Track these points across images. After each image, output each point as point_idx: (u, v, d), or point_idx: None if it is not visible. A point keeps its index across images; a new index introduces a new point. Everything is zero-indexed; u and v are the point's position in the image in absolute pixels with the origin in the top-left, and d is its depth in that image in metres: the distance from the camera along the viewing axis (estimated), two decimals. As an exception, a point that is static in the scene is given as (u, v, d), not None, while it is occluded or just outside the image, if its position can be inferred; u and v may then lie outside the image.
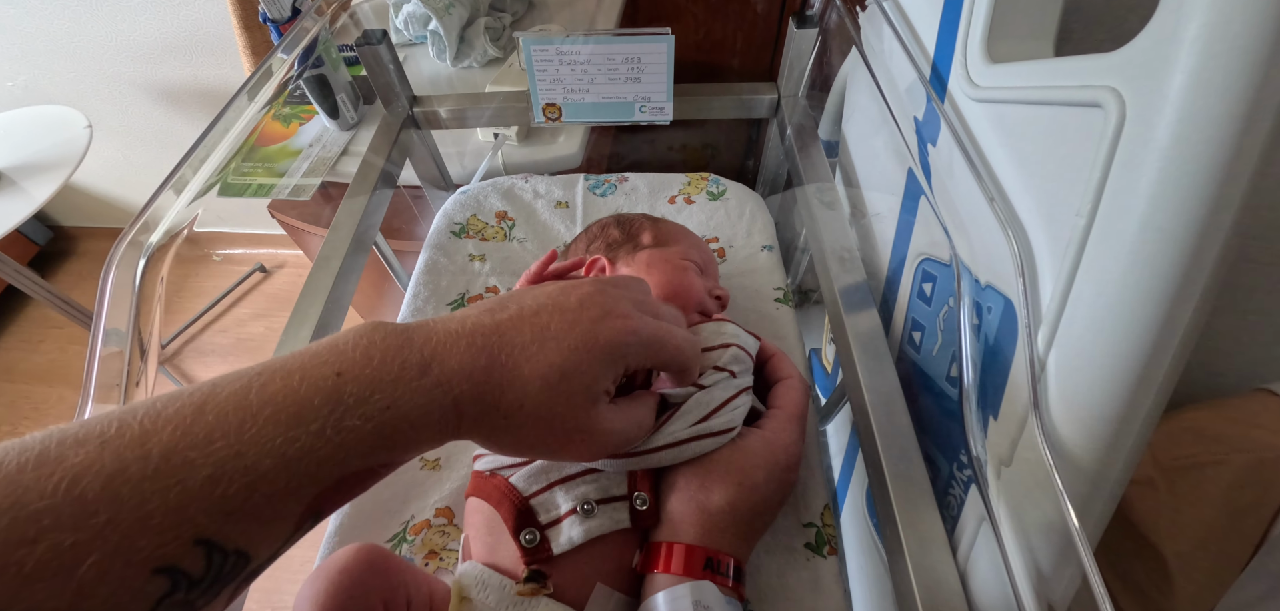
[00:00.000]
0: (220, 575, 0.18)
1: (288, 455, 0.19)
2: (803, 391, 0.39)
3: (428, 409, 0.22)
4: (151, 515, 0.17)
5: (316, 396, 0.20)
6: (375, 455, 0.21)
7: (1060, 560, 0.28)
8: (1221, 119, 0.20)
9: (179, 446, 0.18)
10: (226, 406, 0.19)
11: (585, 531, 0.32)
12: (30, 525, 0.15)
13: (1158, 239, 0.22)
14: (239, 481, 0.18)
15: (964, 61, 0.35)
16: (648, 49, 0.53)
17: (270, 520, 0.19)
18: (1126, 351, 0.24)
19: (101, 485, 0.16)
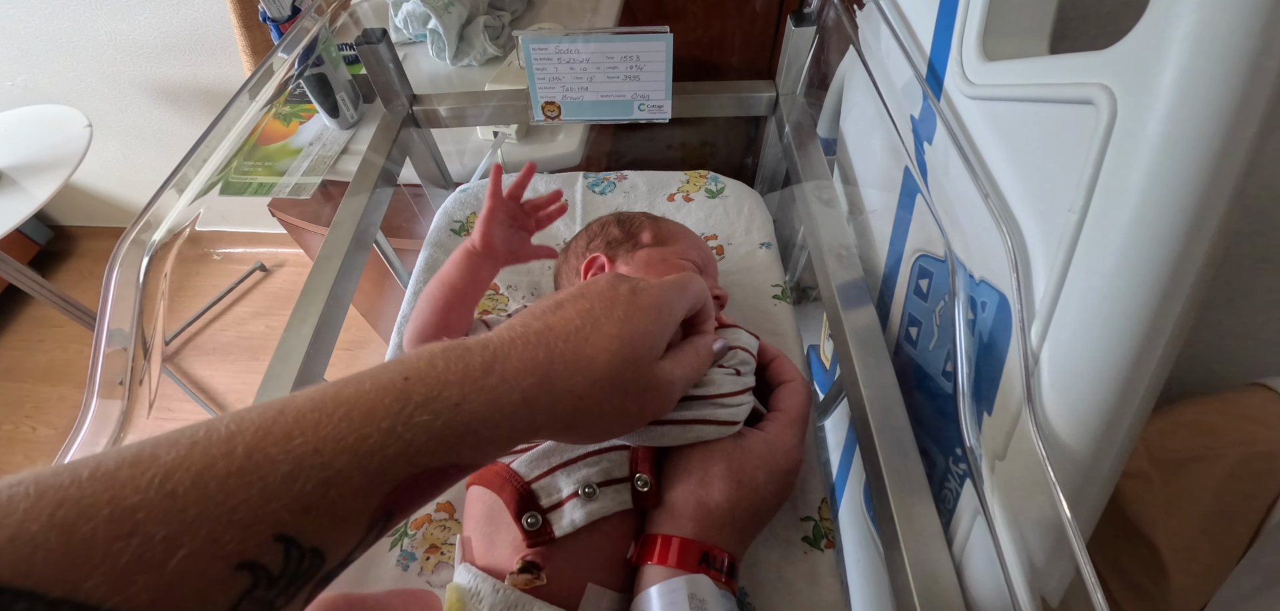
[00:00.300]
0: (297, 574, 0.19)
1: (360, 452, 0.20)
2: (805, 395, 0.39)
3: (497, 406, 0.23)
4: (236, 510, 0.17)
5: (386, 397, 0.21)
6: (446, 454, 0.22)
7: (1054, 552, 0.28)
8: (1210, 115, 0.20)
9: (261, 444, 0.18)
10: (304, 409, 0.20)
11: (587, 514, 0.32)
12: (126, 520, 0.16)
13: (1148, 234, 0.22)
14: (316, 477, 0.19)
15: (960, 59, 0.35)
16: (646, 47, 0.54)
17: (344, 518, 0.20)
18: (1118, 345, 0.24)
19: (191, 481, 0.17)
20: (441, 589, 0.39)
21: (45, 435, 1.51)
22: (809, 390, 0.40)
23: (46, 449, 1.48)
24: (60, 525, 0.15)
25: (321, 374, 0.48)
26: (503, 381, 0.23)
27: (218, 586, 0.17)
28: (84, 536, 0.15)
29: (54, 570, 0.15)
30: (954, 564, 0.33)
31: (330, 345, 0.49)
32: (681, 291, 0.31)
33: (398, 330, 0.52)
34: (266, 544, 0.18)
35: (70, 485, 0.16)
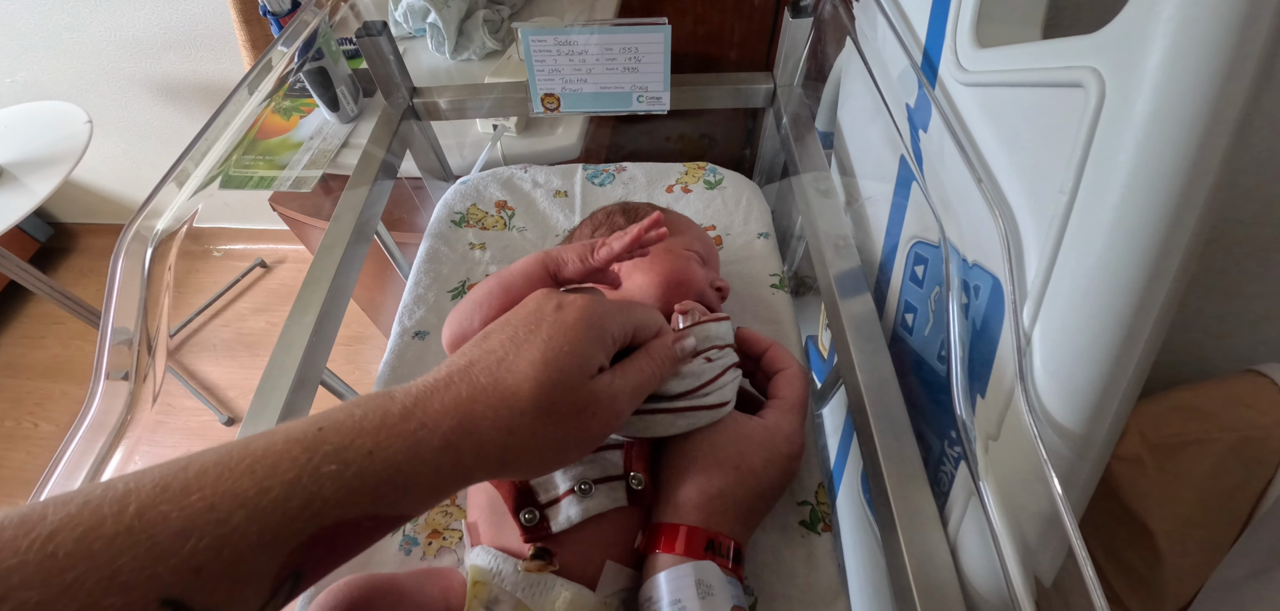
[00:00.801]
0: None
1: (260, 505, 0.19)
2: (802, 381, 0.39)
3: (416, 452, 0.22)
4: (119, 571, 0.16)
5: (295, 447, 0.20)
6: (357, 505, 0.20)
7: (1046, 530, 0.29)
8: (1195, 96, 0.21)
9: (155, 502, 0.17)
10: (208, 464, 0.19)
11: (583, 511, 0.33)
12: (1, 582, 0.15)
13: (1136, 213, 0.23)
14: (210, 535, 0.18)
15: (954, 47, 0.36)
16: (645, 39, 0.54)
17: (241, 579, 0.18)
18: (1108, 323, 0.25)
19: (74, 542, 0.16)
20: (443, 573, 0.39)
21: (47, 431, 1.52)
22: (806, 376, 0.40)
23: (48, 445, 1.49)
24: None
25: (322, 366, 0.48)
26: (422, 425, 0.22)
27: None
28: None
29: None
30: (949, 545, 0.34)
31: (331, 337, 0.49)
32: (626, 308, 0.30)
33: (398, 322, 0.53)
34: (153, 608, 0.16)
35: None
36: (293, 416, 0.43)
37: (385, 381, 0.48)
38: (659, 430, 0.35)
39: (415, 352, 0.51)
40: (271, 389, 0.43)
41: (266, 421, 0.41)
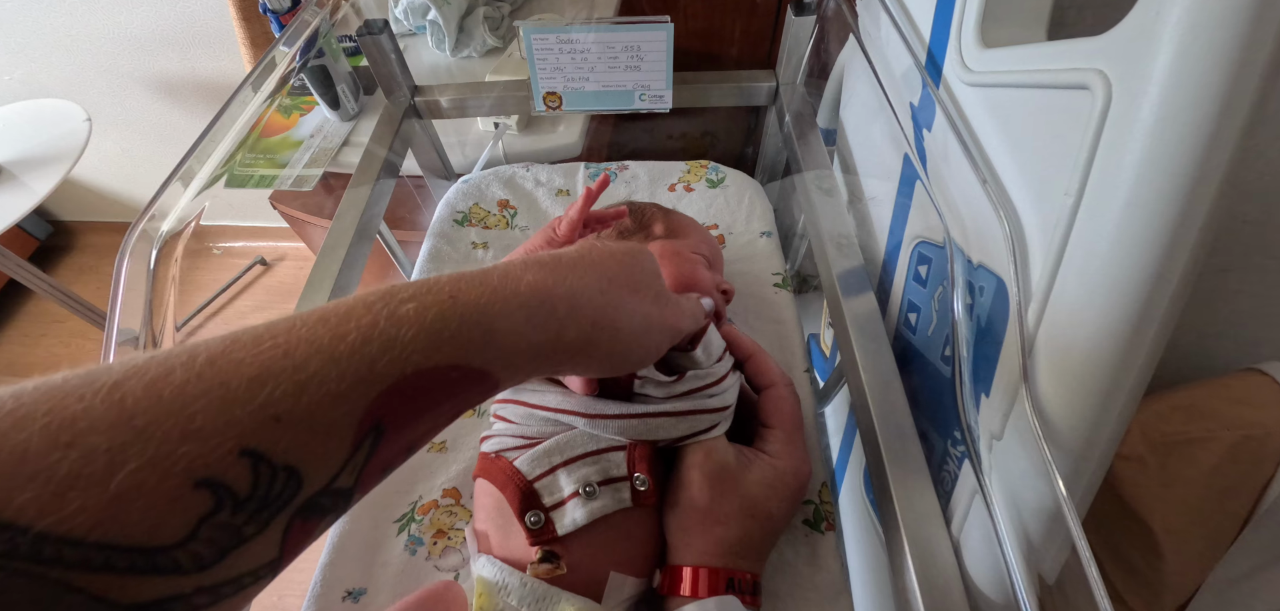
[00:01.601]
0: (268, 496, 0.16)
1: (337, 352, 0.17)
2: (793, 399, 0.38)
3: (502, 295, 0.21)
4: (193, 417, 0.15)
5: (370, 297, 0.19)
6: (439, 351, 0.19)
7: (1050, 528, 0.29)
8: (1202, 100, 0.21)
9: (227, 351, 0.16)
10: (276, 322, 0.18)
11: (588, 513, 0.33)
12: (65, 429, 0.14)
13: (1142, 216, 0.23)
14: (287, 381, 0.16)
15: (959, 47, 0.36)
16: (647, 37, 0.54)
17: (324, 429, 0.17)
18: (1113, 325, 0.25)
19: (143, 389, 0.15)
20: (449, 573, 0.40)
21: (49, 429, 1.52)
22: (794, 390, 0.39)
23: (50, 443, 1.49)
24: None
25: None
26: (505, 278, 0.21)
27: (172, 507, 0.15)
28: (15, 447, 0.13)
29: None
30: (952, 543, 0.34)
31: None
32: None
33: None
34: (230, 458, 0.15)
35: (8, 398, 0.14)
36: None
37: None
38: (661, 433, 0.35)
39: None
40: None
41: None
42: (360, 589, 0.39)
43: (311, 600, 0.38)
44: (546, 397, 0.36)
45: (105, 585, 0.14)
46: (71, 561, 0.13)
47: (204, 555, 0.15)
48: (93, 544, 0.14)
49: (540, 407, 0.36)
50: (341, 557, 0.40)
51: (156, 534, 0.15)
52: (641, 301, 0.27)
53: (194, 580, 0.15)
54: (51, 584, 0.13)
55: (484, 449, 0.37)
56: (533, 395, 0.36)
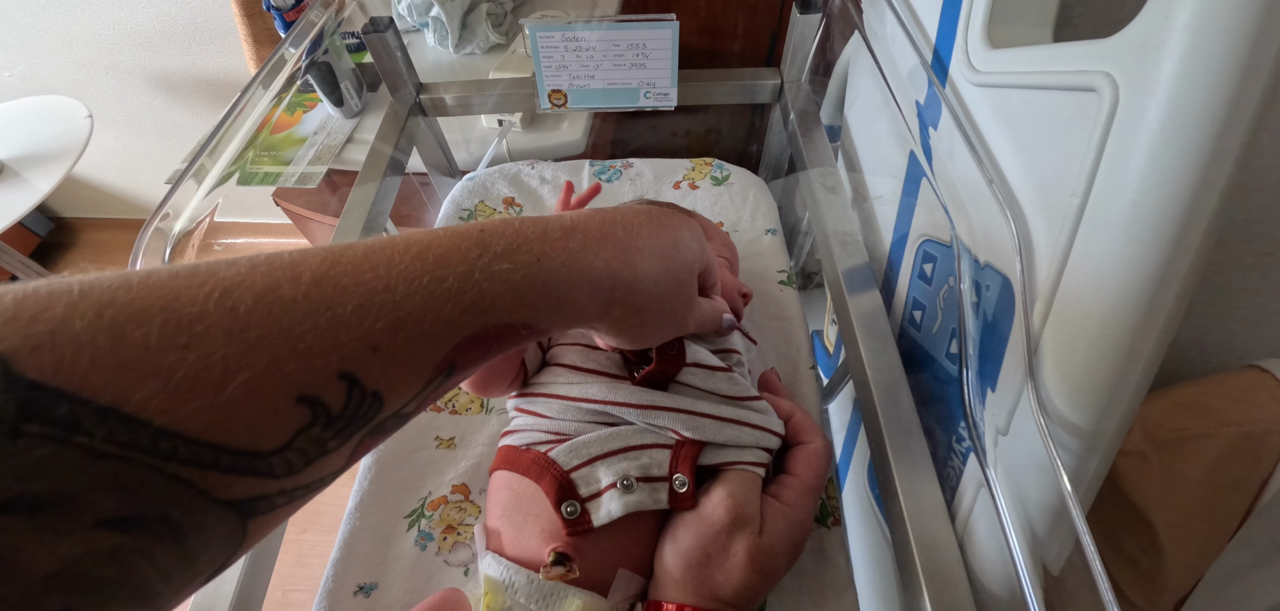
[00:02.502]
0: (355, 416, 0.17)
1: (435, 294, 0.18)
2: (824, 461, 0.37)
3: (578, 268, 0.22)
4: (302, 338, 0.16)
5: (464, 243, 0.20)
6: (520, 310, 0.20)
7: (1054, 522, 0.30)
8: (1209, 103, 0.21)
9: (330, 274, 0.17)
10: (372, 247, 0.18)
11: (624, 505, 0.32)
12: (182, 331, 0.14)
13: (1147, 218, 0.23)
14: (387, 316, 0.17)
15: (965, 46, 0.36)
16: (653, 35, 0.54)
17: (410, 364, 0.18)
18: (1117, 324, 0.25)
19: (253, 301, 0.16)
20: (459, 568, 0.40)
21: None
22: (830, 454, 0.38)
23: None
24: (108, 327, 0.14)
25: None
26: (584, 246, 0.23)
27: (275, 418, 0.16)
28: (136, 342, 0.14)
29: (101, 375, 0.13)
30: (957, 538, 0.35)
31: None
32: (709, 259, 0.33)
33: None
34: (330, 380, 0.16)
35: (118, 288, 0.14)
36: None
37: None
38: (708, 434, 0.35)
39: (426, 349, 0.51)
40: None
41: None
42: (372, 584, 0.39)
43: (324, 595, 0.38)
44: (589, 388, 0.36)
45: (209, 481, 0.15)
46: (184, 457, 0.14)
47: (294, 462, 0.16)
48: (204, 442, 0.15)
49: (584, 400, 0.36)
50: (352, 553, 0.40)
51: (259, 440, 0.16)
52: (677, 299, 0.28)
53: (280, 483, 0.16)
54: (164, 475, 0.14)
55: (509, 442, 0.37)
56: (573, 387, 0.37)
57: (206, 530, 0.16)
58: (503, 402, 0.48)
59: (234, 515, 0.16)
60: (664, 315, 0.28)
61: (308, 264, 0.17)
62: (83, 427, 0.13)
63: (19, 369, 0.12)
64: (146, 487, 0.14)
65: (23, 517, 0.12)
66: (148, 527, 0.14)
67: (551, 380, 0.38)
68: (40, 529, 0.13)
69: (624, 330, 0.27)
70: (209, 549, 0.16)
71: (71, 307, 0.13)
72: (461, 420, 0.47)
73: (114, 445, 0.13)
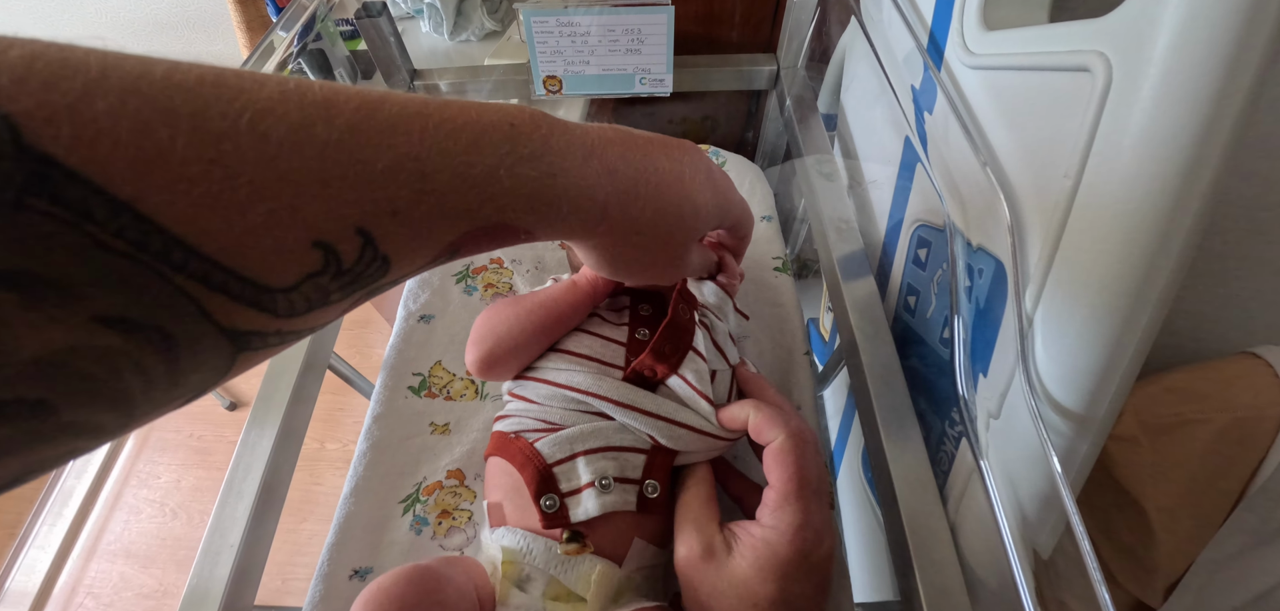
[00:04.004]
0: (362, 274, 0.17)
1: (462, 179, 0.18)
2: (795, 452, 0.30)
3: (587, 192, 0.22)
4: (329, 184, 0.16)
5: (495, 133, 0.19)
6: (529, 215, 0.21)
7: (1045, 506, 0.30)
8: (1202, 80, 0.21)
9: (364, 126, 0.16)
10: (408, 108, 0.18)
11: (600, 505, 0.32)
12: (210, 145, 0.14)
13: (1139, 198, 0.23)
14: (413, 186, 0.17)
15: (960, 29, 0.36)
16: (648, 20, 0.54)
17: (424, 237, 0.18)
18: (1110, 306, 0.25)
19: (285, 132, 0.15)
20: (454, 552, 0.40)
21: (49, 416, 1.52)
22: (801, 441, 0.31)
23: (51, 429, 1.49)
24: (133, 117, 0.13)
25: (330, 350, 0.48)
26: (601, 173, 0.23)
27: (290, 256, 0.15)
28: (160, 142, 0.13)
29: (120, 168, 0.13)
30: (949, 522, 0.35)
31: (337, 323, 0.50)
32: (729, 207, 0.32)
33: (403, 305, 0.53)
34: (348, 232, 0.16)
35: (141, 77, 0.13)
36: (301, 401, 0.43)
37: (391, 365, 0.49)
38: (682, 445, 0.34)
39: (421, 336, 0.51)
40: (279, 372, 0.43)
41: (277, 405, 0.41)
42: (366, 568, 0.39)
43: (319, 580, 0.38)
44: (576, 376, 0.35)
45: (215, 304, 0.15)
46: (194, 272, 0.14)
47: (296, 305, 0.16)
48: (216, 263, 0.14)
49: (569, 388, 0.35)
50: (347, 538, 0.40)
51: (270, 274, 0.15)
52: (670, 246, 0.28)
53: (279, 323, 0.16)
54: (172, 286, 0.14)
55: (500, 428, 0.37)
56: (562, 374, 0.36)
57: (200, 352, 0.15)
58: (498, 388, 0.48)
59: (228, 344, 0.16)
60: (648, 256, 0.27)
61: (342, 108, 0.16)
62: (94, 217, 0.12)
63: (29, 138, 0.12)
64: (151, 294, 0.14)
65: (16, 293, 0.12)
66: (144, 335, 0.14)
67: (547, 364, 0.38)
68: (33, 309, 0.12)
69: (619, 255, 0.26)
70: (198, 371, 0.16)
71: (92, 87, 0.12)
72: (456, 406, 0.47)
73: (124, 242, 0.13)
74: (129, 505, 1.26)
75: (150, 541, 1.22)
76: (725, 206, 0.31)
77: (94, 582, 1.17)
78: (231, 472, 0.38)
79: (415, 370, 0.49)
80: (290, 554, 1.14)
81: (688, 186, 0.27)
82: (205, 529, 0.37)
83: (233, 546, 0.36)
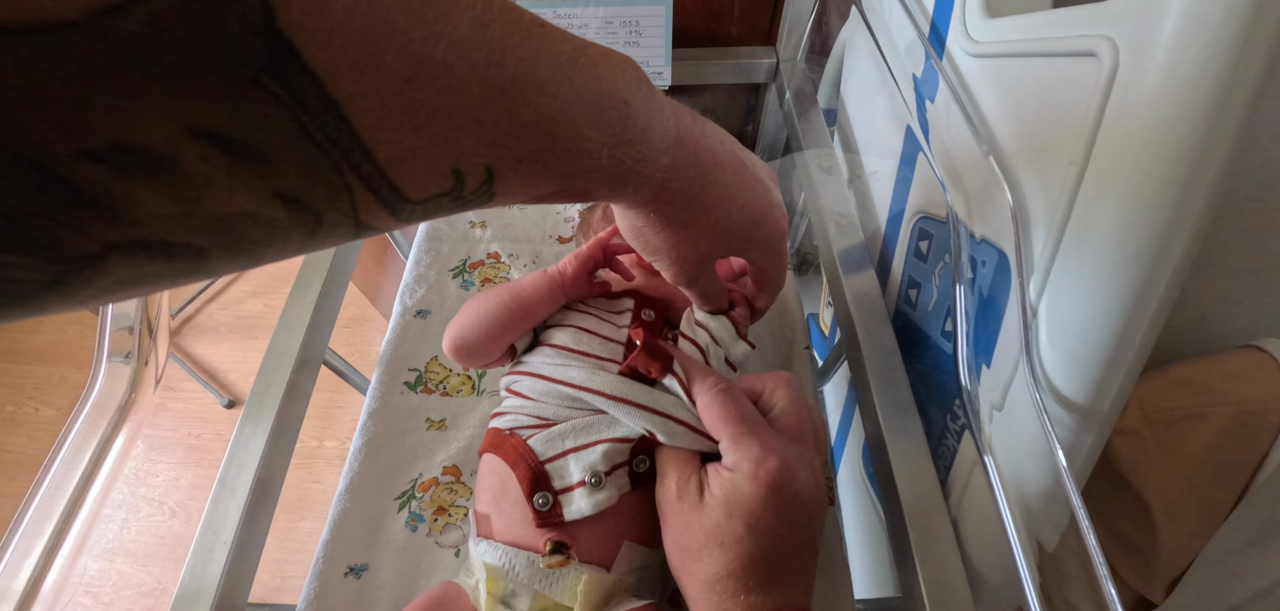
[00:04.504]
0: (469, 200, 0.19)
1: (578, 148, 0.20)
2: (719, 396, 0.30)
3: (652, 174, 0.23)
4: (491, 124, 0.17)
5: (612, 112, 0.20)
6: (606, 189, 0.22)
7: (1048, 499, 0.29)
8: (1210, 63, 0.20)
9: (524, 78, 0.18)
10: (559, 68, 0.19)
11: (593, 504, 0.31)
12: (410, 64, 0.15)
13: (1147, 184, 0.22)
14: (539, 143, 0.19)
15: (963, 17, 0.35)
16: (646, 12, 0.53)
17: (527, 186, 0.20)
18: (1115, 296, 0.25)
19: (466, 70, 0.16)
20: (450, 549, 0.40)
21: (48, 415, 1.52)
22: (719, 385, 0.31)
23: (50, 429, 1.49)
24: (362, 19, 0.14)
25: (324, 346, 0.48)
26: (667, 167, 0.24)
27: (432, 176, 0.17)
28: (376, 52, 0.14)
29: (342, 67, 0.14)
30: (951, 517, 0.34)
31: (332, 317, 0.49)
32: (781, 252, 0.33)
33: (400, 300, 0.53)
34: (480, 166, 0.18)
35: None
36: (296, 397, 0.43)
37: (387, 361, 0.48)
38: (678, 441, 0.32)
39: (417, 331, 0.51)
40: (274, 369, 0.43)
41: (271, 401, 0.41)
42: (362, 565, 0.39)
43: (314, 576, 0.38)
44: (571, 371, 0.35)
45: (366, 203, 0.16)
46: (364, 174, 0.16)
47: (415, 215, 0.18)
48: (381, 170, 0.16)
49: (564, 383, 0.35)
50: (343, 534, 0.40)
51: (412, 187, 0.17)
52: (697, 249, 0.29)
53: (394, 225, 0.18)
54: (343, 181, 0.15)
55: (496, 425, 0.37)
56: (557, 369, 0.35)
57: (332, 235, 0.17)
58: (494, 384, 0.48)
59: (354, 232, 0.17)
60: (673, 252, 0.29)
61: (513, 52, 0.17)
62: (309, 107, 0.14)
63: (281, 21, 0.13)
64: (325, 184, 0.15)
65: (226, 157, 0.13)
66: (304, 214, 0.15)
67: (543, 359, 0.37)
68: (233, 175, 0.13)
69: (634, 228, 0.28)
70: (320, 246, 0.17)
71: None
72: (452, 402, 0.46)
73: (323, 135, 0.14)
74: (127, 503, 1.26)
75: (148, 539, 1.21)
76: (749, 243, 0.31)
77: (92, 580, 1.17)
78: (224, 469, 0.38)
79: (411, 365, 0.48)
80: (288, 551, 1.14)
81: (733, 204, 0.28)
82: (199, 526, 0.36)
83: (226, 543, 0.35)
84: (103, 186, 0.12)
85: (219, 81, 0.12)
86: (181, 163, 0.13)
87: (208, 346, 1.58)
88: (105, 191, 0.12)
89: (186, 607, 0.33)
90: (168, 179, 0.13)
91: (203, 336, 1.61)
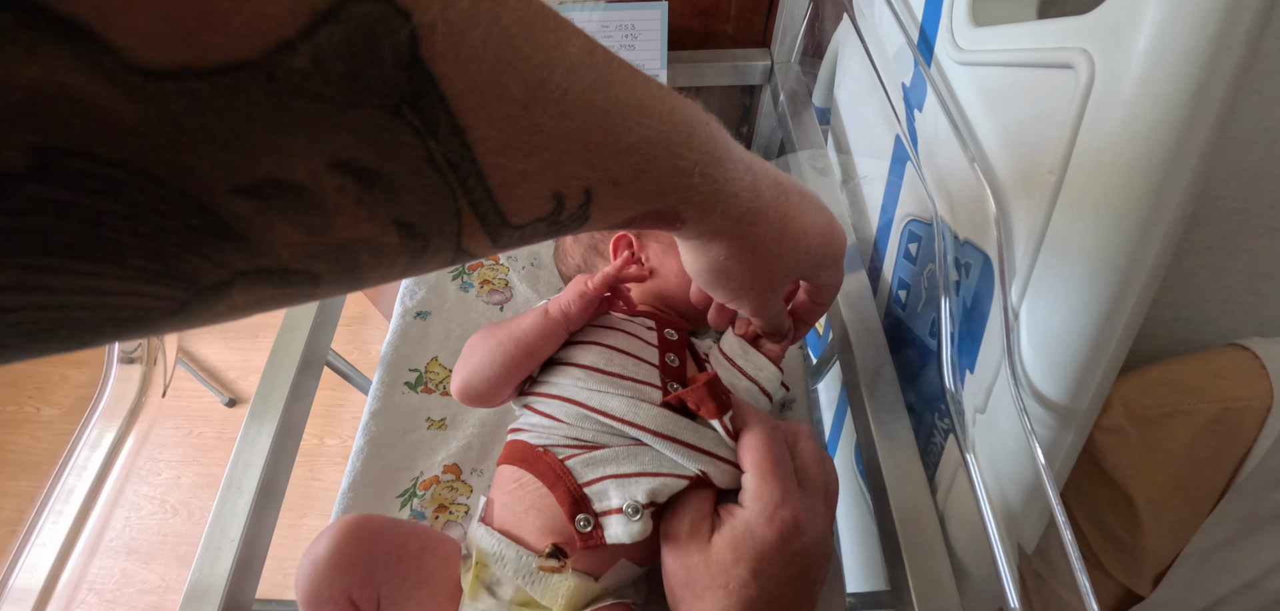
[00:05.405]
0: (565, 225, 0.19)
1: (673, 167, 0.20)
2: (765, 435, 0.31)
3: (736, 199, 0.23)
4: (595, 149, 0.17)
5: (700, 132, 0.21)
6: (695, 210, 0.22)
7: (1030, 499, 0.30)
8: (1181, 76, 0.21)
9: (625, 102, 0.18)
10: (652, 91, 0.19)
11: (630, 534, 0.30)
12: (529, 90, 0.15)
13: (1121, 192, 0.23)
14: (637, 165, 0.19)
15: (950, 25, 0.36)
16: (641, 15, 0.54)
17: (620, 209, 0.20)
18: (1092, 300, 0.26)
19: (578, 94, 0.16)
20: (451, 546, 0.41)
21: (50, 415, 1.53)
22: (769, 428, 0.32)
23: (51, 428, 1.49)
24: (495, 48, 0.14)
25: (327, 346, 0.49)
26: (748, 191, 0.23)
27: (535, 201, 0.17)
28: (502, 80, 0.14)
29: (471, 95, 0.14)
30: (938, 513, 0.35)
31: (335, 318, 0.50)
32: None
33: (400, 302, 0.53)
34: (579, 190, 0.18)
35: (498, 4, 0.14)
36: (300, 398, 0.44)
37: (388, 362, 0.49)
38: (720, 481, 0.32)
39: (417, 332, 0.51)
40: (278, 369, 0.43)
41: (275, 402, 0.42)
42: (365, 562, 0.40)
43: None
44: (609, 401, 0.34)
45: (470, 228, 0.16)
46: (477, 200, 0.15)
47: (513, 240, 0.18)
48: (493, 199, 0.16)
49: (603, 414, 0.33)
50: (346, 532, 0.41)
51: (516, 212, 0.17)
52: (772, 276, 0.28)
53: (492, 251, 0.18)
54: (456, 208, 0.15)
55: (522, 439, 0.36)
56: (593, 396, 0.34)
57: (433, 263, 0.17)
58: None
59: (455, 259, 0.17)
60: (751, 281, 0.27)
61: (617, 75, 0.18)
62: (438, 135, 0.13)
63: (425, 51, 0.13)
64: (441, 212, 0.15)
65: (358, 186, 0.13)
66: (415, 240, 0.15)
67: (569, 383, 0.36)
68: (361, 203, 0.13)
69: (711, 265, 0.26)
70: (417, 274, 0.17)
71: (471, 8, 0.13)
72: (452, 401, 0.47)
73: (447, 164, 0.14)
74: (130, 502, 1.27)
75: (152, 538, 1.22)
76: (822, 263, 0.30)
77: (96, 579, 1.18)
78: (231, 469, 0.39)
79: (412, 366, 0.49)
80: (291, 548, 1.14)
81: (807, 225, 0.27)
82: (206, 525, 0.37)
83: (233, 541, 0.36)
84: (247, 219, 0.12)
85: (368, 113, 0.12)
86: (320, 193, 0.13)
87: (208, 346, 1.59)
88: (248, 224, 0.12)
89: (196, 604, 0.34)
90: (305, 210, 0.13)
91: (204, 336, 1.61)
